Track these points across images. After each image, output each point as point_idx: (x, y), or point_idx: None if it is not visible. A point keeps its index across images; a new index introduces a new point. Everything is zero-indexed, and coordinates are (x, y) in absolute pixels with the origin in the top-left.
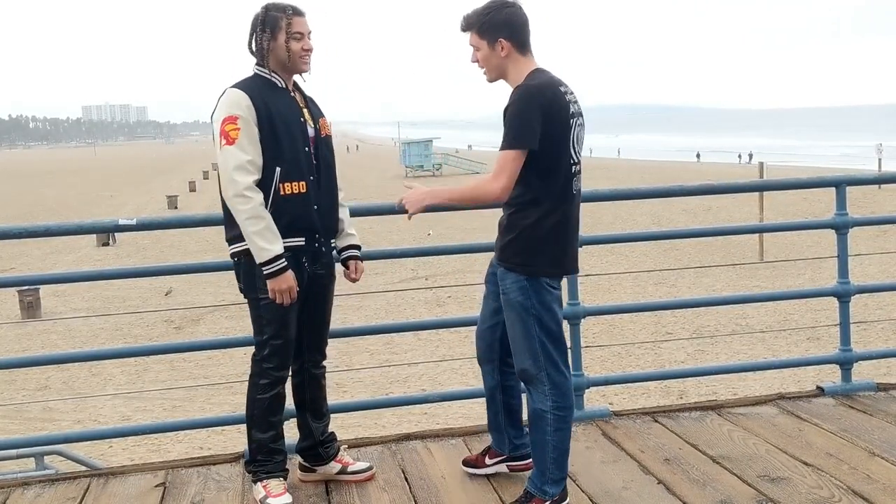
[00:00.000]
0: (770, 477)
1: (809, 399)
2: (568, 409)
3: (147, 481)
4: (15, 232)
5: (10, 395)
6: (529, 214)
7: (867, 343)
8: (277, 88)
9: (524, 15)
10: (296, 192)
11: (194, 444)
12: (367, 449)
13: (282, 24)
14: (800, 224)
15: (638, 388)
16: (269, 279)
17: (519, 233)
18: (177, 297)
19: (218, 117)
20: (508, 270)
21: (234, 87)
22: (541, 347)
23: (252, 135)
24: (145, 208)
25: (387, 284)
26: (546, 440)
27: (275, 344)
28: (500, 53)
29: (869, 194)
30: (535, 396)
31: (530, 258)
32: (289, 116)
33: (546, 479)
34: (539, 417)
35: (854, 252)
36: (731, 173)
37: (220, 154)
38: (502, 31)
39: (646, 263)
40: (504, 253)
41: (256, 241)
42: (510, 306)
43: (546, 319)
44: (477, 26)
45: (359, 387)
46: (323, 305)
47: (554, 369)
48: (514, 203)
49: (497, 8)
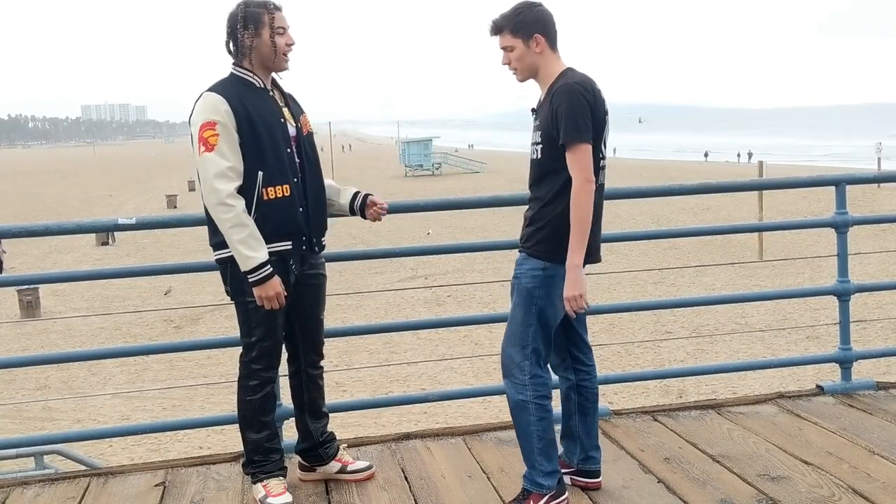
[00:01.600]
0: (770, 476)
1: (809, 398)
2: (548, 400)
3: (147, 481)
4: (14, 231)
5: (9, 394)
6: (561, 204)
7: (866, 342)
8: (256, 89)
9: (551, 13)
10: (279, 195)
11: (194, 443)
12: (367, 448)
13: (265, 20)
14: (800, 223)
15: (637, 387)
16: (255, 286)
17: (548, 221)
18: (176, 296)
19: (195, 122)
20: (530, 256)
21: (211, 90)
22: (532, 338)
23: (232, 140)
24: (145, 207)
25: (386, 283)
26: (530, 430)
27: (263, 346)
28: (536, 50)
29: (868, 193)
30: (516, 387)
31: (556, 245)
32: (269, 118)
33: (538, 472)
34: (521, 408)
35: (853, 251)
36: (730, 172)
37: (199, 161)
38: (537, 28)
39: (645, 262)
40: (530, 241)
41: (240, 250)
42: (518, 292)
43: (548, 313)
44: (511, 26)
45: (358, 386)
46: (315, 306)
47: (536, 362)
48: (545, 196)
49: (528, 7)
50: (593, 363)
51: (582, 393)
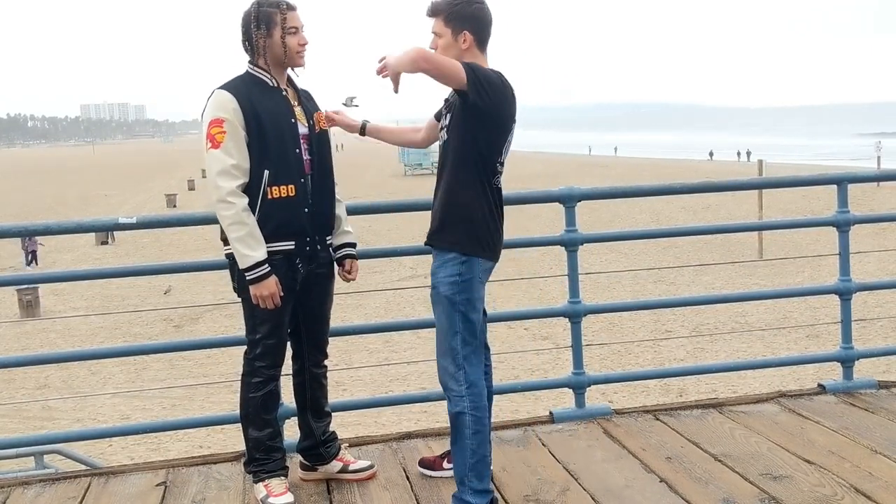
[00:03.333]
0: (772, 475)
1: (811, 397)
2: (484, 412)
3: (148, 480)
4: (15, 231)
5: (9, 394)
6: (465, 196)
7: (867, 341)
8: (268, 88)
9: (490, 14)
10: (284, 195)
11: (194, 442)
12: (368, 447)
13: (277, 20)
14: (801, 222)
15: (637, 386)
16: (251, 285)
17: (456, 215)
18: (176, 295)
19: (205, 119)
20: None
21: (222, 87)
22: (461, 345)
23: (238, 138)
24: (144, 206)
25: (386, 283)
26: (465, 444)
27: (268, 343)
28: (462, 45)
29: (868, 192)
30: (453, 400)
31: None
32: (278, 117)
33: (467, 489)
34: (458, 420)
35: (854, 250)
36: (729, 171)
37: (206, 158)
38: (468, 24)
39: (645, 261)
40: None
41: (238, 248)
42: (438, 301)
43: (471, 318)
44: (445, 14)
45: (358, 385)
46: (321, 305)
47: (471, 370)
48: (448, 189)
49: (467, 1)
50: (490, 362)
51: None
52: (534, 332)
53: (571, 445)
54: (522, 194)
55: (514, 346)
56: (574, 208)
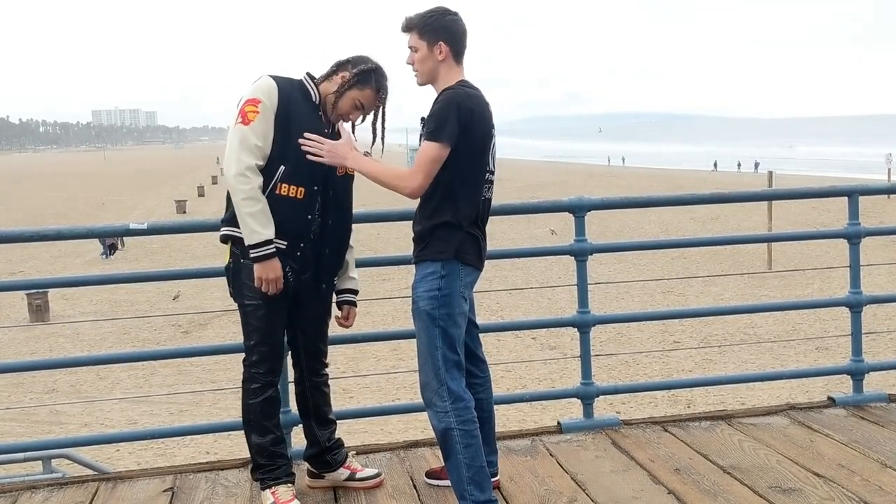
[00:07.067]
0: (781, 488)
1: (821, 409)
2: (474, 424)
3: (155, 486)
4: (26, 235)
5: (17, 398)
6: (443, 215)
7: (876, 353)
8: (310, 100)
9: (464, 26)
10: (292, 195)
11: (201, 448)
12: (376, 455)
13: (366, 92)
14: (811, 234)
15: (645, 397)
16: (257, 263)
17: (428, 232)
18: (185, 301)
19: (245, 96)
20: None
21: (272, 76)
22: (443, 361)
23: (268, 123)
24: (154, 212)
25: (393, 290)
26: (458, 460)
27: (262, 350)
28: (438, 57)
29: (878, 204)
30: (438, 416)
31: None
32: (305, 124)
33: (468, 502)
34: (446, 436)
35: (864, 262)
36: (738, 183)
37: (232, 131)
38: (442, 36)
39: (653, 272)
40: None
41: (249, 223)
42: (418, 316)
43: (452, 332)
44: (419, 28)
45: (365, 392)
46: (316, 318)
47: (454, 385)
48: (427, 208)
49: (441, 13)
50: (486, 374)
51: (479, 405)
52: (542, 342)
53: (579, 456)
54: (533, 204)
55: (521, 356)
56: (584, 218)
